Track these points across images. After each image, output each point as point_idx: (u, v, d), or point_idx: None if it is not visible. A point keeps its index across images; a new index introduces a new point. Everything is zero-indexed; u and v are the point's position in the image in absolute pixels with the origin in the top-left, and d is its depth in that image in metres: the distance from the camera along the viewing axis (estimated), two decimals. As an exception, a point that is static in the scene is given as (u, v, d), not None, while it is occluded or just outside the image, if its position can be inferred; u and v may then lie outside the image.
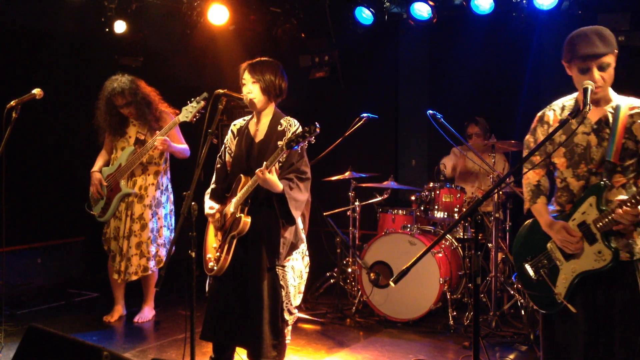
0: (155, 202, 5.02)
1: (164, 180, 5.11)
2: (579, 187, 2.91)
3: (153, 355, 4.36)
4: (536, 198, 3.03)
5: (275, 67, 3.59)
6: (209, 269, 3.58)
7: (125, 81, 4.89)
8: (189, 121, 4.53)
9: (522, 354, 4.42)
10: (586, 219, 2.84)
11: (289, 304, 3.55)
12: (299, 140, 3.20)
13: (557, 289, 2.89)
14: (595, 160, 2.87)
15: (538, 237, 3.01)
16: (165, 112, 5.00)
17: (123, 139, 5.01)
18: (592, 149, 2.88)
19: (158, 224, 5.03)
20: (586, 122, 2.89)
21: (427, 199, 5.35)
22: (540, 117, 3.06)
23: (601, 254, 2.79)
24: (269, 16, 6.68)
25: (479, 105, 6.48)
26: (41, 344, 3.20)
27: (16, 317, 5.26)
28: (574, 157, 2.92)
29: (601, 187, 2.83)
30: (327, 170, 5.89)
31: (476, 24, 5.98)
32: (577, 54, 2.81)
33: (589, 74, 2.81)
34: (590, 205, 2.84)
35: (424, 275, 5.03)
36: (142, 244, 4.94)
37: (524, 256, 3.05)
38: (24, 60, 6.23)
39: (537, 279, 2.98)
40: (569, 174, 2.94)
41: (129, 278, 4.97)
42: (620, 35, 5.21)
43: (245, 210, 3.48)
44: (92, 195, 5.06)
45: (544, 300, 2.96)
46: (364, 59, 7.22)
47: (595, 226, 2.81)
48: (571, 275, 2.87)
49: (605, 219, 2.77)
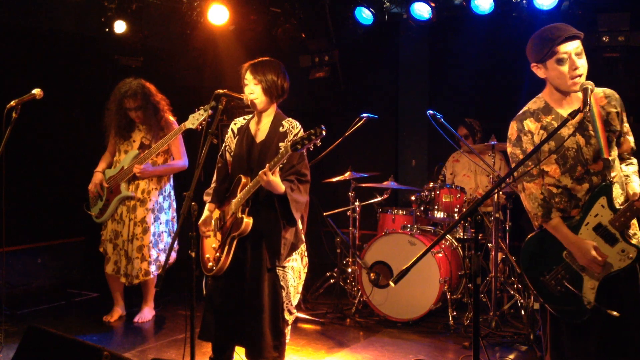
0: (158, 207, 5.02)
1: (167, 186, 5.12)
2: (583, 190, 2.85)
3: (153, 355, 4.36)
4: (550, 214, 2.87)
5: (277, 67, 3.58)
6: (208, 269, 3.58)
7: (138, 85, 4.91)
8: (195, 128, 4.53)
9: (522, 354, 4.42)
10: (601, 221, 2.79)
11: (289, 304, 3.55)
12: (305, 142, 3.19)
13: (585, 297, 2.79)
14: (589, 160, 2.83)
15: (549, 249, 2.91)
16: (170, 121, 5.01)
17: (127, 142, 5.02)
18: (583, 149, 2.84)
19: (160, 229, 5.04)
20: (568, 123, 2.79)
21: (427, 199, 5.35)
22: (520, 128, 2.95)
23: (625, 252, 2.76)
24: (269, 16, 6.68)
25: (479, 105, 6.48)
26: (41, 344, 3.20)
27: (16, 317, 5.26)
28: (567, 161, 2.86)
29: (608, 186, 2.80)
30: (327, 170, 5.89)
31: (476, 24, 5.98)
32: (556, 41, 2.77)
33: (569, 62, 2.79)
34: (602, 206, 2.79)
35: (424, 275, 5.03)
36: (143, 247, 4.94)
37: (540, 272, 2.92)
38: (24, 60, 6.23)
39: (561, 291, 2.86)
40: (567, 179, 2.87)
41: (132, 281, 4.97)
42: (620, 35, 5.22)
43: (246, 211, 3.48)
44: (90, 193, 5.06)
45: (572, 312, 2.84)
46: (364, 59, 7.22)
47: (613, 226, 2.77)
48: (597, 281, 2.79)
49: (622, 218, 2.74)
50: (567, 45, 2.79)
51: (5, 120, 3.86)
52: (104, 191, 5.02)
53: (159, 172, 4.98)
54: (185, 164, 5.06)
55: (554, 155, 2.86)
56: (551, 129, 2.85)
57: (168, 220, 5.12)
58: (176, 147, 5.01)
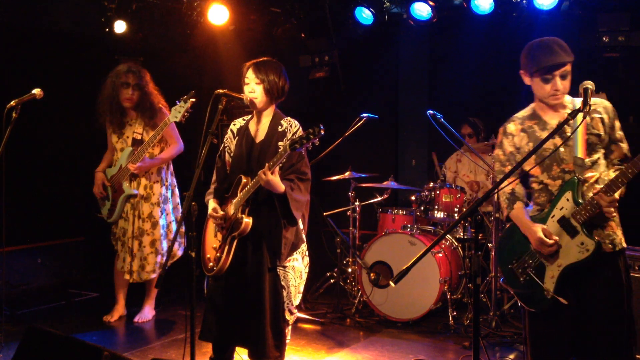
0: (162, 199, 5.04)
1: (167, 175, 5.13)
2: (556, 186, 3.01)
3: (153, 355, 4.36)
4: (512, 204, 3.11)
5: (279, 68, 3.59)
6: (208, 269, 3.58)
7: (139, 67, 5.05)
8: (179, 121, 4.52)
9: (522, 354, 4.41)
10: (565, 214, 2.95)
11: (289, 304, 3.56)
12: (303, 142, 3.19)
13: (545, 285, 2.98)
14: (566, 160, 2.98)
15: (519, 239, 3.09)
16: (162, 110, 5.02)
17: (121, 139, 5.03)
18: (561, 151, 2.98)
19: (167, 220, 5.07)
20: (548, 127, 3.04)
21: (427, 199, 5.35)
22: (503, 131, 3.19)
23: (584, 244, 2.89)
24: (269, 16, 6.68)
25: (479, 105, 6.48)
26: (41, 344, 3.20)
27: (16, 317, 5.27)
28: (544, 161, 3.02)
29: (575, 181, 2.94)
30: (327, 170, 5.89)
31: (476, 24, 5.97)
32: (542, 65, 2.94)
33: (552, 82, 2.96)
34: (567, 200, 2.94)
35: (424, 275, 5.03)
36: (155, 241, 4.96)
37: (509, 260, 3.12)
38: (24, 60, 6.23)
39: (525, 279, 3.05)
40: (545, 177, 3.04)
41: (147, 277, 4.97)
42: (620, 35, 5.21)
43: (246, 211, 3.48)
44: (97, 196, 5.09)
45: (534, 298, 3.03)
46: (364, 59, 7.22)
47: (574, 219, 2.91)
48: (557, 270, 2.95)
49: (583, 211, 2.88)
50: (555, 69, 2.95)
51: (5, 120, 3.86)
52: (108, 191, 5.04)
53: (158, 163, 4.98)
54: (181, 146, 5.06)
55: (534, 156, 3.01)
56: (531, 132, 3.08)
57: (173, 208, 5.15)
58: (169, 134, 4.99)
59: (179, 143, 5.05)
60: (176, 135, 5.05)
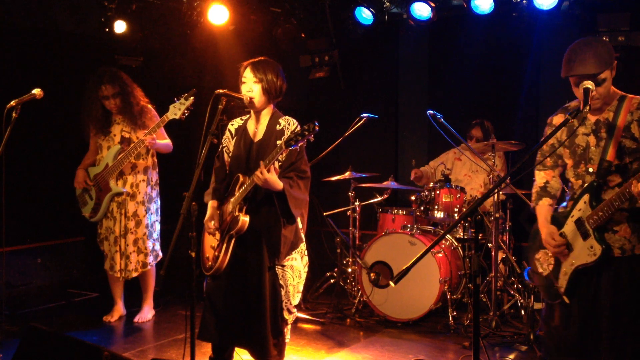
0: (147, 198, 5.05)
1: (154, 175, 5.14)
2: (578, 186, 3.05)
3: (153, 355, 4.36)
4: (539, 200, 3.18)
5: (277, 68, 3.59)
6: (206, 269, 3.58)
7: (114, 72, 4.98)
8: (179, 118, 4.52)
9: (522, 354, 4.42)
10: (582, 216, 2.98)
11: (288, 303, 3.55)
12: (298, 138, 3.20)
13: (559, 282, 3.04)
14: (593, 160, 2.97)
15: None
16: (146, 107, 5.03)
17: (108, 137, 5.02)
18: (591, 149, 2.97)
19: (152, 219, 5.08)
20: (587, 123, 3.00)
21: (427, 199, 5.35)
22: (550, 122, 3.21)
23: (592, 248, 2.92)
24: (269, 16, 6.68)
25: (479, 105, 6.48)
26: (41, 344, 3.21)
27: (16, 317, 5.26)
28: (575, 157, 3.03)
29: (593, 185, 2.95)
30: (327, 170, 5.89)
31: (476, 24, 5.97)
32: (570, 74, 2.91)
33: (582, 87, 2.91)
34: (585, 202, 2.97)
35: (424, 275, 5.03)
36: (138, 240, 4.97)
37: (535, 251, 3.21)
38: (23, 60, 6.23)
39: (544, 272, 3.15)
40: (571, 174, 3.08)
41: (129, 275, 4.99)
42: (620, 35, 5.21)
43: (243, 209, 3.48)
44: (77, 192, 5.08)
45: (551, 291, 3.12)
46: (364, 59, 7.22)
47: (587, 222, 2.94)
48: (570, 269, 3.00)
49: (596, 216, 2.89)
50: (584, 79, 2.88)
51: (5, 120, 3.86)
52: (92, 190, 5.03)
53: (163, 147, 5.02)
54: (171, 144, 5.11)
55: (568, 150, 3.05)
56: (570, 126, 3.04)
57: (157, 208, 5.16)
58: (159, 134, 4.99)
59: (169, 140, 5.09)
60: (165, 134, 5.08)
